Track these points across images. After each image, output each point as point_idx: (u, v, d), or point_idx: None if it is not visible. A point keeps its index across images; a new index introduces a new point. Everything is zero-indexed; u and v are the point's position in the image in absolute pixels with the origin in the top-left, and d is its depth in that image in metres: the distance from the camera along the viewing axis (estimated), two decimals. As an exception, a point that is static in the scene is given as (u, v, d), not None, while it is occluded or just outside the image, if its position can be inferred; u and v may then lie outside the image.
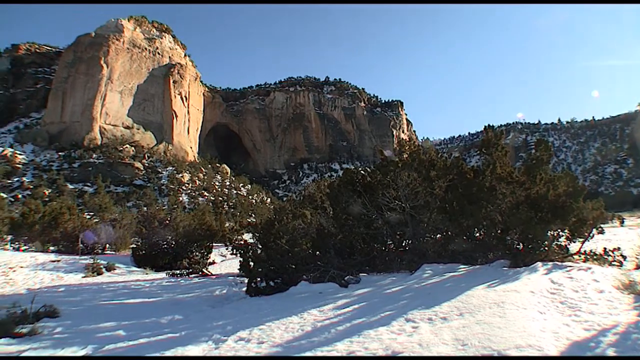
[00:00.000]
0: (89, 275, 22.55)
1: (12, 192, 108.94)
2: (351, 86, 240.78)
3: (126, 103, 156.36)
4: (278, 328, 7.62)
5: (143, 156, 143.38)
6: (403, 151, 14.63)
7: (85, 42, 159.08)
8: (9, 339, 8.95)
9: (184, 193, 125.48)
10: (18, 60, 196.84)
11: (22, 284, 19.27)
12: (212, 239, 29.56)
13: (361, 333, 6.28)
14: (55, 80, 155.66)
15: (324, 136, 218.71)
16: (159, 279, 22.05)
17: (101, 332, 9.44)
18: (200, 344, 7.30)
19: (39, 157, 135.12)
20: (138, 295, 16.29)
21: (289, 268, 13.16)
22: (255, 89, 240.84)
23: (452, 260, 11.74)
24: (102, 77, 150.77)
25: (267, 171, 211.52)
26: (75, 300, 14.79)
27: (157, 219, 29.92)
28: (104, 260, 26.26)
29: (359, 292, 10.19)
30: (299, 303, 9.71)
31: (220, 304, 12.78)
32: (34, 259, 25.66)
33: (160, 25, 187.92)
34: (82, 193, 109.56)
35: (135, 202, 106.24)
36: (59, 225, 33.60)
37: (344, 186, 15.40)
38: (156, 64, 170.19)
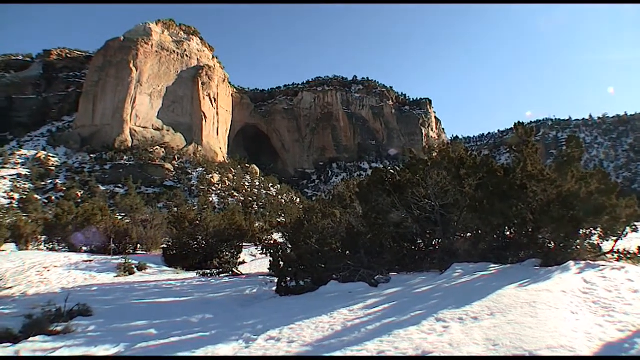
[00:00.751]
0: (120, 275, 22.80)
1: (45, 194, 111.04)
2: (379, 85, 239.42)
3: (156, 105, 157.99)
4: (308, 327, 7.62)
5: (173, 157, 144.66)
6: (432, 149, 14.55)
7: (115, 46, 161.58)
8: (44, 336, 9.11)
9: (213, 193, 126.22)
10: (50, 65, 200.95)
11: (56, 283, 19.57)
12: (242, 238, 29.69)
13: (391, 333, 6.26)
14: (86, 84, 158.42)
15: (352, 135, 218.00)
16: (189, 278, 22.21)
17: (133, 331, 9.56)
18: (230, 342, 7.34)
19: (71, 159, 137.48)
20: (169, 295, 16.44)
21: (319, 267, 13.16)
22: (283, 89, 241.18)
23: (483, 260, 11.62)
24: (132, 80, 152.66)
25: (296, 171, 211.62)
26: (107, 300, 15.00)
27: (188, 220, 30.11)
28: (135, 260, 26.52)
29: (389, 291, 10.16)
30: (329, 302, 9.70)
31: (251, 303, 12.83)
32: (67, 259, 26.04)
33: (187, 28, 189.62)
34: (113, 194, 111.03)
35: (165, 203, 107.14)
36: (92, 226, 34.05)
37: (373, 185, 15.38)
38: (184, 66, 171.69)
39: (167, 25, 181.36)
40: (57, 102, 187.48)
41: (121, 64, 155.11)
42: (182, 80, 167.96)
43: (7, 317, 11.48)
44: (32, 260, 24.85)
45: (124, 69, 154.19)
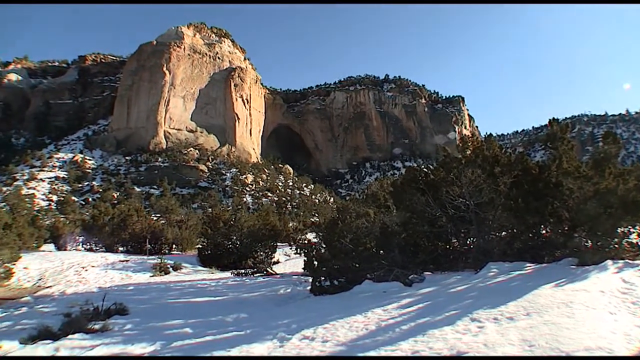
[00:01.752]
0: (156, 275, 23.09)
1: (82, 196, 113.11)
2: (411, 83, 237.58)
3: (189, 107, 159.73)
4: (342, 327, 7.61)
5: (207, 159, 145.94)
6: (466, 147, 14.42)
7: (148, 50, 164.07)
8: (82, 334, 9.34)
9: (247, 194, 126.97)
10: (85, 70, 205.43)
11: (93, 282, 19.95)
12: (276, 238, 29.80)
13: (426, 332, 6.22)
14: (121, 88, 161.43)
15: (385, 134, 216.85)
16: (224, 278, 22.38)
17: (169, 330, 9.70)
18: (265, 342, 7.37)
19: (107, 161, 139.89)
20: (204, 294, 16.61)
21: (353, 267, 13.15)
22: (315, 89, 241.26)
23: (518, 259, 11.47)
24: (165, 83, 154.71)
25: (330, 171, 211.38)
26: (143, 299, 15.23)
27: (222, 220, 30.33)
28: (170, 260, 26.83)
29: (423, 291, 10.10)
30: (363, 302, 9.68)
31: (285, 303, 12.89)
32: (104, 259, 26.52)
33: (219, 31, 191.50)
34: (148, 195, 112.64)
35: (200, 204, 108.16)
36: (128, 226, 34.57)
37: (407, 184, 15.31)
38: (217, 68, 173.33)
39: (199, 28, 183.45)
40: (93, 106, 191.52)
41: (154, 68, 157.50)
42: (214, 83, 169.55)
43: (47, 315, 11.78)
44: (70, 260, 25.39)
45: (157, 72, 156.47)
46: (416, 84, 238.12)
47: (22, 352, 8.22)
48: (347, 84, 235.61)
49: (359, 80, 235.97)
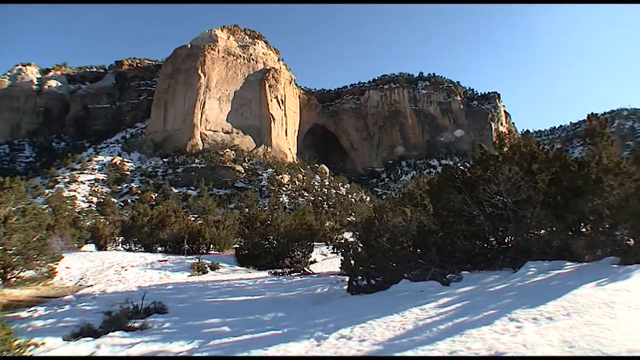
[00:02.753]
0: (194, 274, 23.34)
1: (121, 197, 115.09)
2: (446, 80, 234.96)
3: (224, 109, 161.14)
4: (379, 326, 7.60)
5: (243, 159, 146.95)
6: (503, 144, 14.25)
7: (183, 53, 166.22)
8: (122, 332, 9.53)
9: (284, 194, 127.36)
10: (122, 75, 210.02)
11: (133, 282, 20.29)
12: (312, 238, 29.86)
13: (463, 332, 6.17)
14: (157, 92, 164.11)
15: (420, 132, 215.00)
16: (261, 277, 22.53)
17: (207, 328, 9.82)
18: (302, 341, 7.41)
19: (145, 164, 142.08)
20: (241, 293, 16.74)
21: (390, 266, 13.10)
22: (349, 88, 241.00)
23: (558, 257, 11.28)
24: (200, 85, 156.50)
25: (365, 170, 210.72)
26: (182, 298, 15.42)
27: (259, 220, 30.51)
28: (208, 260, 27.08)
29: (461, 290, 10.02)
30: (400, 301, 9.64)
31: (322, 302, 12.91)
32: (143, 259, 26.94)
33: (252, 32, 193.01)
34: (186, 196, 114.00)
35: (237, 204, 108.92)
36: (166, 227, 34.97)
37: (443, 182, 15.17)
38: (251, 69, 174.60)
39: (232, 30, 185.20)
40: (130, 109, 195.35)
41: (189, 71, 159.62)
42: (249, 84, 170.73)
43: (89, 314, 12.03)
44: (110, 260, 25.91)
45: (193, 75, 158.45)
46: (451, 81, 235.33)
47: (65, 348, 8.40)
48: (382, 82, 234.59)
49: (393, 79, 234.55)
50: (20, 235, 18.48)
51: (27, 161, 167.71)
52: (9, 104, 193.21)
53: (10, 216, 18.92)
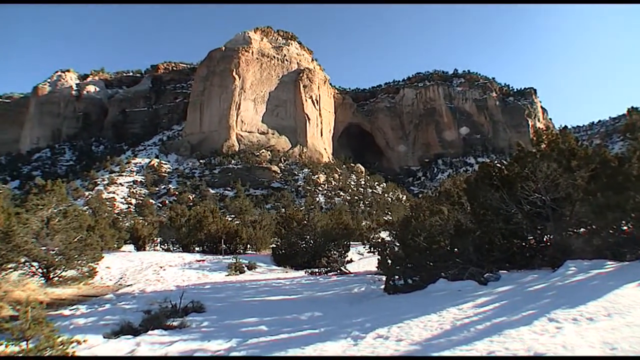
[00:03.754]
0: (232, 274, 23.53)
1: (159, 198, 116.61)
2: (481, 77, 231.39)
3: (260, 110, 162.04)
4: (417, 326, 7.57)
5: (279, 160, 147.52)
6: (541, 141, 14.04)
7: (217, 56, 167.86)
8: (161, 330, 9.72)
9: (320, 193, 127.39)
10: (158, 79, 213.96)
11: (171, 281, 20.57)
12: (349, 237, 29.85)
13: (502, 332, 6.10)
14: (192, 94, 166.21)
15: (456, 130, 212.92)
16: (298, 277, 22.59)
17: (244, 327, 9.90)
18: (339, 340, 7.41)
19: (182, 165, 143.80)
20: (278, 293, 16.82)
21: (427, 265, 13.04)
22: (384, 87, 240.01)
23: (598, 256, 11.07)
24: (235, 87, 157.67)
25: (401, 168, 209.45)
26: (219, 297, 15.56)
27: (296, 220, 30.60)
28: (245, 259, 27.27)
29: (499, 289, 9.91)
30: (438, 301, 9.59)
31: (359, 302, 12.90)
32: (181, 259, 27.29)
33: (285, 33, 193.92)
34: (223, 197, 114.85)
35: (273, 204, 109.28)
36: (203, 227, 35.32)
37: (480, 180, 15.03)
38: (285, 70, 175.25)
39: (265, 32, 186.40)
40: (167, 112, 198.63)
41: (224, 73, 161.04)
42: (283, 85, 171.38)
43: (128, 312, 12.25)
44: (149, 260, 26.33)
45: (227, 77, 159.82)
46: (486, 78, 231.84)
47: (106, 346, 8.59)
48: (416, 80, 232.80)
49: (428, 76, 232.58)
50: (62, 236, 18.93)
51: (67, 164, 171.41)
52: (49, 110, 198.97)
53: (53, 217, 19.39)
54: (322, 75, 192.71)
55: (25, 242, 17.65)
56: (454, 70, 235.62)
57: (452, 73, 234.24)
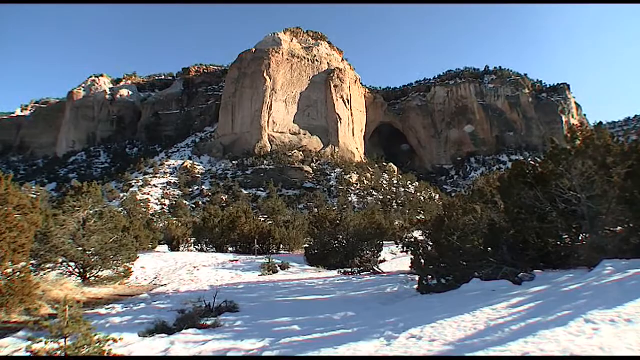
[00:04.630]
0: (265, 274, 23.71)
1: (193, 200, 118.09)
2: (513, 73, 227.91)
3: (291, 111, 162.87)
4: (450, 326, 7.50)
5: (311, 160, 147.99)
6: (575, 137, 13.82)
7: (248, 58, 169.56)
8: (195, 329, 9.87)
9: (352, 193, 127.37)
10: (189, 81, 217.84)
11: (205, 281, 20.85)
12: (382, 237, 29.76)
13: (536, 333, 6.00)
14: (224, 96, 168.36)
15: (489, 128, 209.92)
16: (331, 277, 22.64)
17: (277, 327, 9.97)
18: (372, 340, 7.38)
19: (214, 166, 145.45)
20: (311, 293, 16.86)
21: (460, 265, 12.95)
22: (415, 85, 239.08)
23: (636, 256, 10.83)
24: (267, 88, 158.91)
25: (434, 167, 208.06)
26: (252, 297, 15.70)
27: (328, 220, 30.65)
28: (278, 259, 27.42)
29: (534, 289, 9.75)
30: (471, 301, 9.51)
31: (392, 302, 12.87)
32: (214, 259, 27.60)
33: (315, 34, 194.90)
34: (255, 197, 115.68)
35: (306, 204, 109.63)
36: (237, 228, 35.61)
37: (514, 178, 14.86)
38: (315, 71, 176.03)
39: (295, 33, 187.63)
40: (199, 114, 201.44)
41: (255, 75, 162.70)
42: (314, 85, 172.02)
43: (163, 312, 12.43)
44: (183, 260, 26.72)
45: (258, 78, 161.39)
46: (518, 74, 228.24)
47: (141, 344, 8.77)
48: (447, 78, 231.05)
49: (459, 74, 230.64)
50: (98, 237, 19.33)
51: (102, 167, 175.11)
52: (84, 114, 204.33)
53: (89, 219, 19.79)
54: (352, 75, 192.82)
55: (62, 243, 18.10)
56: (485, 67, 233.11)
57: (484, 70, 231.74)
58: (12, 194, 13.34)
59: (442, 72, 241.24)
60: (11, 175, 14.28)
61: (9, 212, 12.59)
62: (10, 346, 8.87)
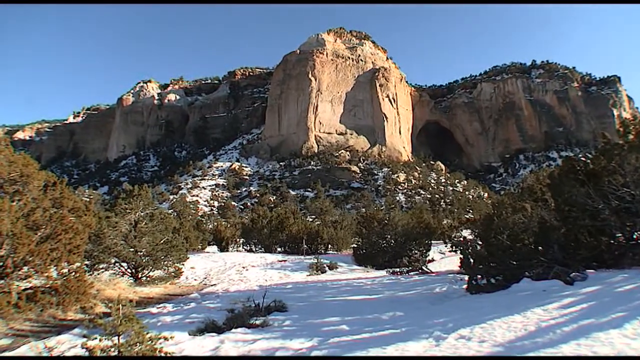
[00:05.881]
0: (313, 274, 23.85)
1: (241, 201, 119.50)
2: (560, 67, 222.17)
3: (337, 111, 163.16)
4: (500, 327, 7.40)
5: (358, 160, 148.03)
6: (628, 131, 13.46)
7: (292, 59, 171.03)
8: (244, 328, 9.98)
9: (400, 192, 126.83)
10: (235, 84, 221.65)
11: (254, 281, 21.12)
12: (430, 236, 29.59)
13: (589, 335, 5.88)
14: (270, 98, 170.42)
15: (537, 124, 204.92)
16: (379, 276, 22.61)
17: (326, 326, 9.97)
18: (420, 340, 7.33)
19: (262, 168, 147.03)
20: (360, 292, 16.86)
21: (510, 264, 12.75)
22: (461, 82, 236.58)
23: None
24: (312, 89, 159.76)
25: (482, 165, 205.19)
26: (301, 297, 15.78)
27: (376, 219, 30.60)
28: (326, 259, 27.54)
29: (586, 290, 9.53)
30: (522, 301, 9.35)
31: (440, 301, 12.77)
32: (263, 259, 27.91)
33: (358, 33, 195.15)
34: (303, 198, 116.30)
35: (353, 204, 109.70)
36: (285, 228, 35.91)
37: (564, 175, 14.56)
38: (360, 70, 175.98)
39: (339, 33, 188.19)
40: (245, 116, 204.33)
41: (300, 76, 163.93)
42: (359, 85, 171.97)
43: (213, 311, 12.66)
44: (232, 260, 27.15)
45: (304, 80, 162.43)
46: (566, 67, 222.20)
47: (192, 342, 8.94)
48: (493, 73, 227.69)
49: (505, 69, 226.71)
50: (149, 238, 19.79)
51: (152, 170, 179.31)
52: (134, 119, 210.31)
53: (140, 221, 20.27)
54: (397, 74, 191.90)
55: (115, 244, 18.63)
56: (532, 61, 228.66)
57: (530, 64, 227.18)
58: (66, 197, 13.78)
59: (488, 68, 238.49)
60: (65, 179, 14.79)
61: (64, 214, 13.00)
62: (67, 342, 9.18)
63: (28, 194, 12.78)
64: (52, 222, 12.49)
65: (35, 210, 12.30)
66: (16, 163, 12.72)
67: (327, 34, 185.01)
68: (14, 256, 11.38)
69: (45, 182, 13.59)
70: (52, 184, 13.73)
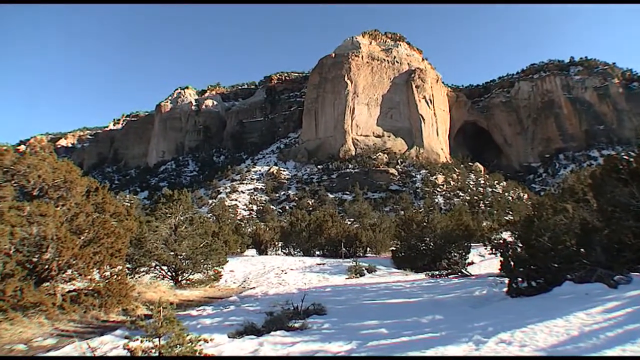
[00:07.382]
0: (351, 277, 23.88)
1: (279, 204, 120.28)
2: (600, 63, 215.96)
3: (374, 113, 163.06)
4: (541, 331, 7.31)
5: (396, 162, 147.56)
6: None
7: (328, 63, 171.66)
8: (283, 331, 10.08)
9: (438, 194, 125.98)
10: (272, 89, 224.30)
11: (293, 284, 21.28)
12: (470, 239, 29.28)
13: (635, 341, 5.77)
14: (306, 102, 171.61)
15: (577, 122, 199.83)
16: (418, 279, 22.53)
17: (364, 330, 9.98)
18: (460, 344, 7.28)
19: (300, 171, 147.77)
20: (398, 296, 16.79)
21: (551, 267, 12.57)
22: (498, 81, 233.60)
23: None
24: (348, 92, 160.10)
25: (521, 165, 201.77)
26: (340, 300, 15.81)
27: (415, 222, 30.44)
28: (365, 262, 27.57)
29: (631, 293, 9.34)
30: (564, 305, 9.23)
31: (480, 305, 12.65)
32: (302, 262, 28.06)
33: (393, 35, 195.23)
34: (341, 201, 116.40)
35: (392, 207, 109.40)
36: (323, 231, 36.03)
37: (606, 175, 14.29)
38: (396, 72, 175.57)
39: (373, 35, 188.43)
40: (282, 121, 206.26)
41: (336, 79, 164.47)
42: (395, 87, 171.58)
43: (252, 314, 12.82)
44: (271, 263, 27.42)
45: (340, 83, 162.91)
46: (606, 63, 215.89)
47: (231, 345, 9.05)
48: (531, 72, 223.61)
49: (543, 67, 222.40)
50: (189, 242, 20.12)
51: (191, 175, 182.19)
52: (172, 125, 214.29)
53: (180, 225, 20.63)
54: (433, 74, 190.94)
55: (155, 248, 19.00)
56: (570, 58, 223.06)
57: (569, 61, 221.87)
58: (108, 203, 14.12)
59: (525, 66, 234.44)
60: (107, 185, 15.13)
61: (106, 219, 13.33)
62: (109, 343, 9.50)
63: (71, 200, 13.12)
64: (94, 227, 12.83)
65: (79, 215, 12.63)
66: (60, 170, 13.07)
67: (362, 36, 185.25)
68: (58, 259, 11.73)
69: (87, 188, 13.95)
70: (94, 189, 14.08)
